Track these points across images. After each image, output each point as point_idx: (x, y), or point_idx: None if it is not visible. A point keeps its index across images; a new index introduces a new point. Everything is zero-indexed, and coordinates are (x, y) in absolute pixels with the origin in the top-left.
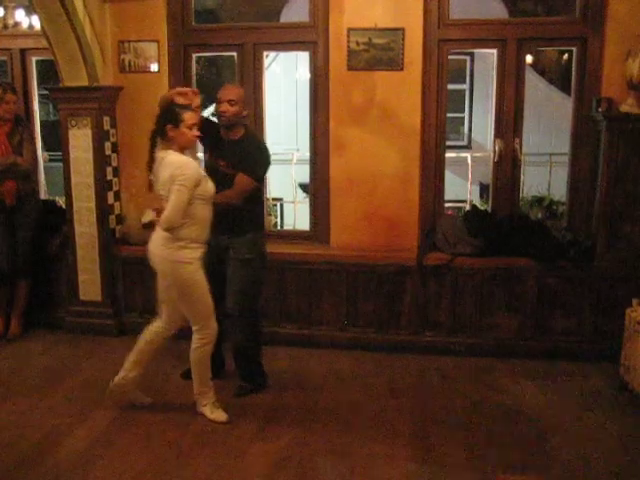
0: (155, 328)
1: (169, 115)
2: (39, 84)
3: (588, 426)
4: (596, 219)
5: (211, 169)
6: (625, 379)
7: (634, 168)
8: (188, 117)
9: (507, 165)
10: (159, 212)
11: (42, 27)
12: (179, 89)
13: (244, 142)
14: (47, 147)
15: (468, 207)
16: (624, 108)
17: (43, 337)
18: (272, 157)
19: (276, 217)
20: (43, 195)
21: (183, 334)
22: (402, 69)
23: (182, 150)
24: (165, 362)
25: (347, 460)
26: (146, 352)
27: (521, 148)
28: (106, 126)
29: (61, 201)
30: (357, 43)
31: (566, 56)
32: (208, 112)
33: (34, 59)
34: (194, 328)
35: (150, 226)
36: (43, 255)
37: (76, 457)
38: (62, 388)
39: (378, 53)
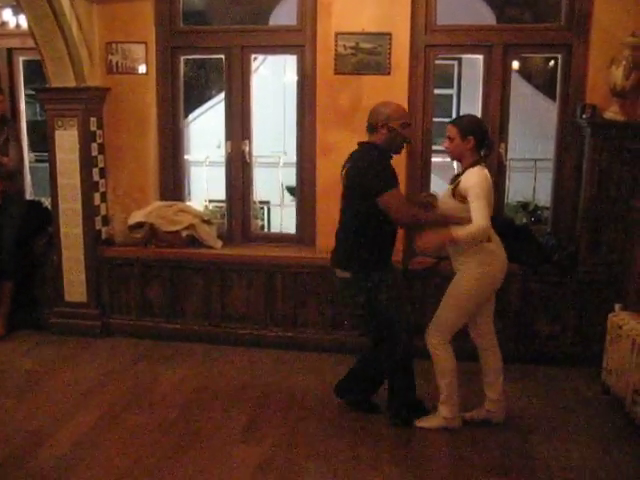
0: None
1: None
2: (26, 84)
3: (570, 429)
4: (580, 224)
5: None
6: (607, 383)
7: (617, 174)
8: None
9: (492, 170)
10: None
11: (29, 27)
12: None
13: None
14: (35, 147)
15: None
16: (608, 115)
17: (28, 338)
18: (258, 160)
19: (262, 220)
20: (29, 196)
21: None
22: (389, 73)
23: None
24: (156, 364)
25: (331, 463)
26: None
27: (506, 153)
28: (93, 127)
29: (47, 202)
30: (344, 47)
31: (552, 63)
32: None
33: (21, 59)
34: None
35: (136, 228)
36: (28, 256)
37: (59, 459)
38: (46, 389)
39: (365, 57)
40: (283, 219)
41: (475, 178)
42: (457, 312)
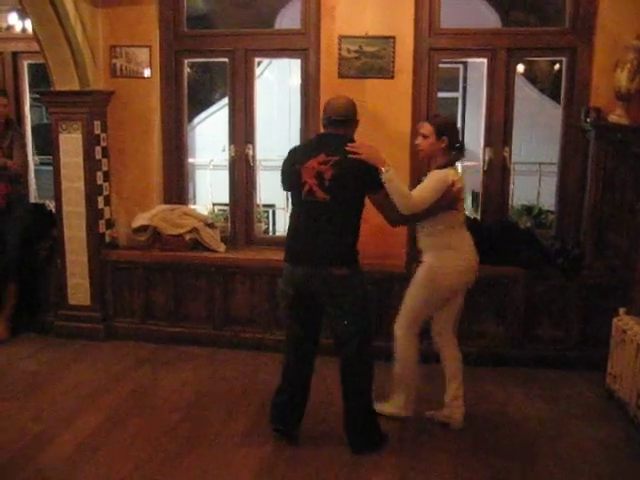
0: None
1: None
2: (31, 88)
3: (574, 434)
4: (584, 228)
5: None
6: (612, 388)
7: (622, 177)
8: None
9: (497, 174)
10: None
11: (34, 31)
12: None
13: None
14: (39, 151)
15: None
16: (612, 118)
17: (31, 341)
18: (264, 163)
19: (267, 223)
20: (33, 199)
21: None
22: (392, 77)
23: None
24: (159, 367)
25: (332, 466)
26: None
27: (510, 157)
28: (97, 130)
29: (51, 205)
30: (348, 51)
31: (557, 66)
32: None
33: (26, 63)
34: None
35: (140, 231)
36: (32, 259)
37: (61, 462)
38: (49, 392)
39: (369, 61)
40: (288, 222)
41: (434, 176)
42: (416, 302)
